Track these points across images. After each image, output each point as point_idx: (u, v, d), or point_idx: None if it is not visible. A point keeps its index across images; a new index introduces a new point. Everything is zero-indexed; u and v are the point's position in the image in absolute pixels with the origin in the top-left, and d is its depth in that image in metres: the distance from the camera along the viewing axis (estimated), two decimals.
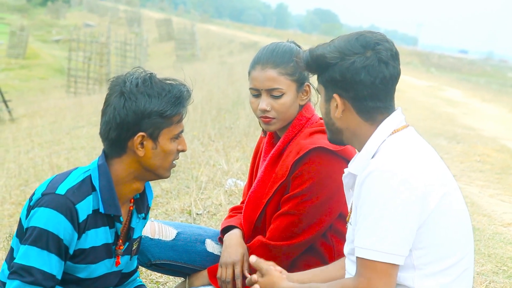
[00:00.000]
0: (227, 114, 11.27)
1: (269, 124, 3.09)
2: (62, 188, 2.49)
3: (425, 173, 2.24)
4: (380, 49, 2.34)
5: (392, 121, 2.38)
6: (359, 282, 2.25)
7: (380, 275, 2.22)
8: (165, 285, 4.01)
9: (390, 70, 2.35)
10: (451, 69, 46.04)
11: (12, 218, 7.18)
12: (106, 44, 23.35)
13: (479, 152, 10.72)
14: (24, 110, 19.39)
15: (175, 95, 2.54)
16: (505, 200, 7.32)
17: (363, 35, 2.38)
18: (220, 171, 6.72)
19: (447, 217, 2.28)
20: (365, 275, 2.24)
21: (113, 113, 2.50)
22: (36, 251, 2.43)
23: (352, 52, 2.34)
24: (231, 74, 19.47)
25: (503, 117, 18.39)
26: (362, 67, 2.33)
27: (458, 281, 2.32)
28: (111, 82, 2.59)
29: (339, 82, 2.36)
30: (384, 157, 2.28)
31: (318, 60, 2.39)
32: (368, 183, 2.24)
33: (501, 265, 4.69)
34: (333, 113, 2.43)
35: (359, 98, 2.36)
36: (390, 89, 2.38)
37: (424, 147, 2.38)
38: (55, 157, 10.47)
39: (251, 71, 3.10)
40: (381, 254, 2.21)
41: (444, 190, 2.27)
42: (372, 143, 2.36)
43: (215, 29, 54.48)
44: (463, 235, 2.35)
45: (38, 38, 46.58)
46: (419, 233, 2.25)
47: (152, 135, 2.53)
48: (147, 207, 2.78)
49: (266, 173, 3.14)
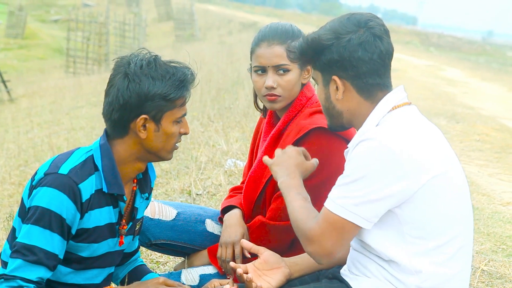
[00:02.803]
0: (227, 94, 11.25)
1: (274, 102, 3.07)
2: (64, 168, 2.49)
3: (419, 150, 2.25)
4: (373, 25, 2.37)
5: (392, 97, 2.39)
6: (313, 228, 2.31)
7: (333, 230, 2.28)
8: (165, 265, 4.02)
9: (385, 44, 2.38)
10: (450, 48, 45.91)
11: (12, 198, 7.19)
12: (105, 24, 23.27)
13: (479, 132, 10.73)
14: (23, 90, 19.37)
15: (179, 78, 2.53)
16: (504, 179, 7.34)
17: (353, 15, 2.41)
18: (219, 152, 6.72)
19: (437, 195, 2.28)
20: (321, 224, 2.30)
21: (116, 94, 2.50)
22: (38, 230, 2.44)
23: (346, 31, 2.36)
24: (230, 54, 19.41)
25: (503, 96, 18.37)
26: (359, 44, 2.35)
27: (453, 260, 2.32)
28: (115, 62, 2.58)
29: (337, 62, 2.37)
30: (379, 129, 2.30)
31: (314, 43, 2.41)
32: (357, 149, 2.29)
33: (500, 244, 4.71)
34: (333, 96, 2.43)
35: (358, 75, 2.37)
36: (387, 64, 2.41)
37: (424, 125, 2.39)
38: (55, 138, 10.47)
39: (255, 49, 3.08)
40: (341, 209, 2.26)
41: (439, 170, 2.27)
42: (372, 118, 2.38)
43: (214, 8, 54.22)
44: (459, 213, 2.35)
45: (37, 18, 46.37)
46: (406, 207, 2.26)
47: (154, 118, 2.53)
48: (150, 188, 2.79)
49: (266, 153, 3.14)
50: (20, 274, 2.42)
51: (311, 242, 2.31)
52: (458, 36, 62.24)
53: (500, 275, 4.00)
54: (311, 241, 2.31)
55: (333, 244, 2.28)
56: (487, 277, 3.97)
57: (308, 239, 2.32)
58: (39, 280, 2.45)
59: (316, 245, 2.30)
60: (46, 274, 2.47)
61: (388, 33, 2.42)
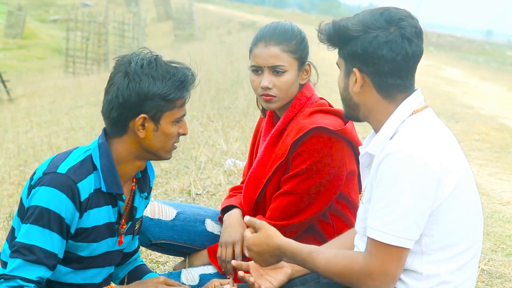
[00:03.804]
0: (226, 94, 11.25)
1: (270, 102, 3.07)
2: (63, 167, 2.49)
3: (443, 157, 2.21)
4: (405, 25, 2.29)
5: (412, 101, 2.34)
6: (371, 262, 2.23)
7: (393, 257, 2.21)
8: (165, 265, 4.02)
9: (413, 47, 2.31)
10: (450, 48, 45.89)
11: (12, 198, 7.18)
12: (104, 24, 23.25)
13: (478, 131, 10.72)
14: (23, 90, 19.36)
15: (179, 79, 2.53)
16: (503, 179, 7.33)
17: (388, 10, 2.33)
18: (219, 151, 6.72)
19: (459, 204, 2.25)
20: (377, 256, 2.22)
21: (116, 92, 2.50)
22: (38, 230, 2.44)
23: (376, 26, 2.29)
24: (229, 54, 19.41)
25: (502, 96, 18.36)
26: (385, 42, 2.28)
27: (465, 268, 2.31)
28: (116, 61, 2.58)
29: (360, 56, 2.32)
30: (403, 138, 2.24)
31: (341, 31, 2.34)
32: (385, 165, 2.21)
33: (500, 243, 4.71)
34: (351, 88, 2.38)
35: (379, 73, 2.32)
36: (412, 67, 2.34)
37: (443, 130, 2.35)
38: (54, 137, 10.47)
39: (253, 49, 3.09)
40: (394, 238, 2.19)
41: (458, 176, 2.24)
42: (391, 123, 2.32)
43: (213, 8, 54.19)
44: (474, 223, 2.33)
45: (36, 18, 46.32)
46: (430, 220, 2.23)
47: (153, 117, 2.53)
48: (149, 187, 2.79)
49: (266, 153, 3.14)
50: (20, 273, 2.42)
51: (375, 276, 2.23)
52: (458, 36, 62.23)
53: (500, 274, 4.00)
54: (375, 275, 2.23)
55: (396, 268, 2.22)
56: (486, 277, 3.97)
57: (370, 275, 2.24)
58: (39, 279, 2.45)
59: (381, 277, 2.22)
60: (46, 273, 2.47)
61: (420, 35, 2.33)
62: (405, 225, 2.18)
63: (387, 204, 2.20)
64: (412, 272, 2.29)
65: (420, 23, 2.36)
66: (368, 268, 2.24)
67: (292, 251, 2.41)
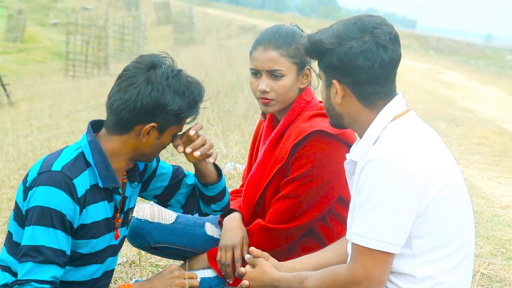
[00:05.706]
0: (226, 97, 11.25)
1: (268, 106, 3.08)
2: (57, 165, 2.49)
3: (426, 161, 2.22)
4: (378, 33, 2.30)
5: (392, 107, 2.35)
6: (354, 269, 2.25)
7: (376, 262, 2.22)
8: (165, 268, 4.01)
9: (389, 54, 2.32)
10: (450, 51, 45.92)
11: (11, 201, 7.18)
12: (104, 28, 23.25)
13: (478, 135, 10.72)
14: (23, 94, 19.36)
15: (194, 98, 2.59)
16: (503, 183, 7.34)
17: (361, 19, 2.34)
18: (219, 155, 6.70)
19: (447, 205, 2.26)
20: (361, 262, 2.24)
21: (135, 96, 2.50)
22: (42, 230, 2.44)
23: (349, 36, 2.31)
24: (229, 58, 19.43)
25: (502, 100, 18.36)
26: (360, 52, 2.29)
27: (458, 268, 2.32)
28: (136, 60, 2.59)
29: (337, 68, 2.34)
30: (384, 144, 2.26)
31: (316, 45, 2.37)
32: (367, 171, 2.23)
33: (500, 247, 4.71)
34: (333, 99, 2.41)
35: (358, 83, 2.33)
36: (390, 73, 2.36)
37: (426, 132, 2.36)
38: (54, 141, 10.46)
39: (252, 52, 3.10)
40: (377, 242, 2.20)
41: (445, 178, 2.26)
42: (373, 129, 2.34)
43: (213, 12, 54.25)
44: (463, 222, 2.34)
45: (36, 22, 46.34)
46: (418, 222, 2.24)
47: (161, 128, 2.57)
48: (139, 174, 2.78)
49: (265, 156, 3.14)
50: (33, 276, 2.42)
51: (359, 282, 2.24)
52: (457, 40, 62.28)
53: (500, 278, 4.01)
54: (359, 281, 2.24)
55: (381, 273, 2.23)
56: (486, 281, 3.97)
57: (355, 281, 2.25)
58: (53, 279, 2.44)
59: (366, 282, 2.23)
60: (58, 272, 2.46)
61: (396, 40, 2.35)
62: (388, 230, 2.19)
63: (369, 210, 2.21)
64: (406, 276, 2.30)
65: (420, 27, 2.37)
66: (352, 275, 2.26)
67: (285, 283, 2.49)
